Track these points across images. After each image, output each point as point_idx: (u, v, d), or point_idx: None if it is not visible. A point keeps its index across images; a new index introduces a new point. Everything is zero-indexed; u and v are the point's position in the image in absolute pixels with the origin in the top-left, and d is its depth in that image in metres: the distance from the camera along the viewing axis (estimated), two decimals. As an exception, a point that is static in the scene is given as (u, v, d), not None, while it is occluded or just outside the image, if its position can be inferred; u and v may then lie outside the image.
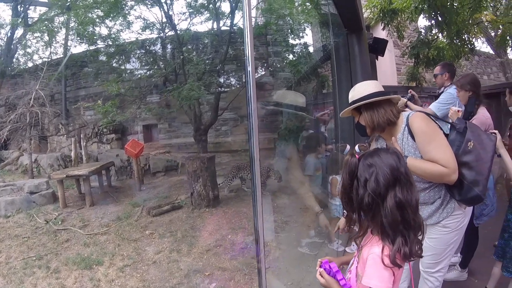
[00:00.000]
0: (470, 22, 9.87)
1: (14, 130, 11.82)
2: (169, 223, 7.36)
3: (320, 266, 1.83)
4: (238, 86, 11.44)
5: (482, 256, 4.18)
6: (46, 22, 11.23)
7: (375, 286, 1.55)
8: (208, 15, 9.95)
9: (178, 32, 9.81)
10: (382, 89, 2.62)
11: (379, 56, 8.09)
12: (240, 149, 12.14)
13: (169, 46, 10.91)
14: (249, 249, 5.94)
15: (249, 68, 1.99)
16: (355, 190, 1.63)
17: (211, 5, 9.76)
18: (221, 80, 10.43)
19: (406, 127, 2.54)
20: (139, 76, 11.10)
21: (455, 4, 9.07)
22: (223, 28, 10.31)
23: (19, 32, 13.13)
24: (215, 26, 10.38)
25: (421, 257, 1.66)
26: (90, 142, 12.76)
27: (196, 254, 6.04)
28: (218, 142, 12.52)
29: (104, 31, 11.52)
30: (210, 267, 5.61)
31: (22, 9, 12.32)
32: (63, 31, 12.00)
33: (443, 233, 2.68)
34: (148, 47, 10.43)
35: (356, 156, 1.70)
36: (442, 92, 4.82)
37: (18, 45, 13.14)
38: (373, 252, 1.60)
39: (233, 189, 9.29)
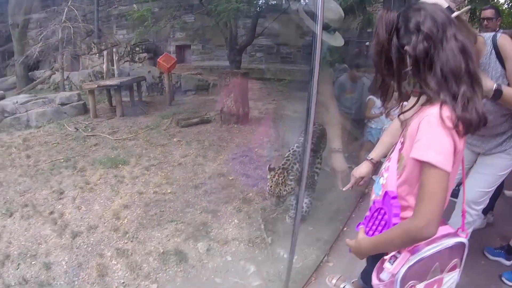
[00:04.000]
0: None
1: (46, 47, 12.52)
2: (196, 133, 7.76)
3: None
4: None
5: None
6: None
7: (432, 159, 1.29)
8: None
9: None
10: None
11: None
12: (273, 78, 12.16)
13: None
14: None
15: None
16: (395, 47, 1.42)
17: None
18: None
19: (493, 50, 2.35)
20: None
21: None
22: None
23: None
24: None
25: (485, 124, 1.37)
26: (122, 61, 13.19)
27: (222, 161, 6.40)
28: (252, 68, 12.51)
29: None
30: (235, 173, 5.98)
31: None
32: None
33: (503, 159, 2.73)
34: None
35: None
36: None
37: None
38: (429, 113, 1.35)
39: (262, 110, 9.51)
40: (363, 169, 2.39)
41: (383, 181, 1.74)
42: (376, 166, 2.48)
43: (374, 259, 1.78)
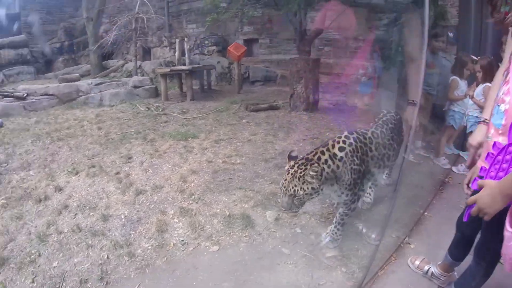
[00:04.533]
0: None
1: (120, 37, 13.17)
2: (265, 117, 7.59)
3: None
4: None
5: None
6: None
7: None
8: None
9: None
10: None
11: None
12: (341, 72, 11.81)
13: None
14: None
15: None
16: None
17: None
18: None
19: None
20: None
21: None
22: None
23: None
24: None
25: None
26: (192, 53, 13.53)
27: (292, 141, 6.15)
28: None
29: None
30: (305, 152, 5.70)
31: None
32: None
33: None
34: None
35: None
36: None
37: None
38: None
39: (332, 101, 9.23)
40: (479, 134, 2.16)
41: (505, 107, 1.56)
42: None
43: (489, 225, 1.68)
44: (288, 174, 2.95)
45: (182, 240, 3.52)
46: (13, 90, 9.46)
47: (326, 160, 3.01)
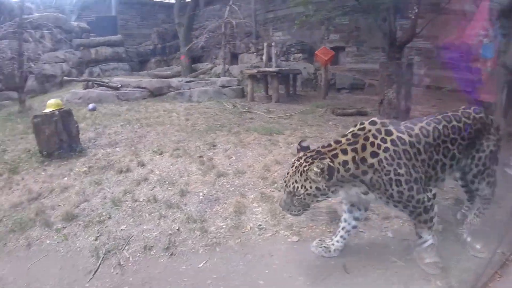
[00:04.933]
0: None
1: (209, 41, 13.71)
2: (352, 122, 7.22)
3: None
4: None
5: None
6: None
7: None
8: None
9: None
10: None
11: None
12: (433, 85, 11.05)
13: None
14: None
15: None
16: None
17: None
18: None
19: None
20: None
21: None
22: None
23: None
24: None
25: None
26: (278, 59, 13.58)
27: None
28: (409, 72, 11.70)
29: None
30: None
31: None
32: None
33: None
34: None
35: None
36: None
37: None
38: None
39: (424, 112, 8.62)
40: None
41: None
42: None
43: None
44: (292, 167, 2.54)
45: (260, 225, 3.35)
46: (108, 81, 10.08)
47: (345, 162, 2.48)
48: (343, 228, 2.95)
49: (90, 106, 8.40)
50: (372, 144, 2.51)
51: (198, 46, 13.70)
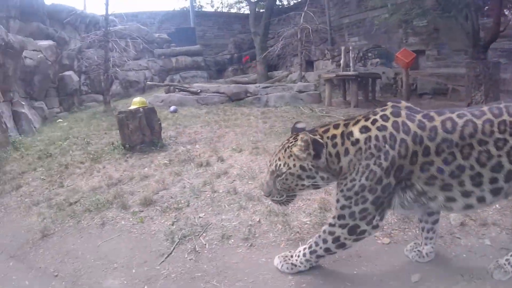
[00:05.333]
0: None
1: (285, 46, 13.65)
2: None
3: None
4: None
5: None
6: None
7: None
8: None
9: None
10: None
11: None
12: None
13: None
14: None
15: None
16: None
17: None
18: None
19: None
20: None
21: None
22: None
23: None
24: None
25: None
26: (355, 65, 13.26)
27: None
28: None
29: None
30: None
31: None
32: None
33: None
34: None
35: None
36: None
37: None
38: None
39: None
40: None
41: None
42: None
43: None
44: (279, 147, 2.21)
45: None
46: (188, 86, 10.45)
47: (333, 136, 2.09)
48: (423, 230, 2.51)
49: (172, 108, 8.84)
50: (367, 118, 2.09)
51: (274, 54, 13.77)
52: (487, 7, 8.71)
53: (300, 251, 2.35)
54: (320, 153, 2.05)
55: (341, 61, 10.91)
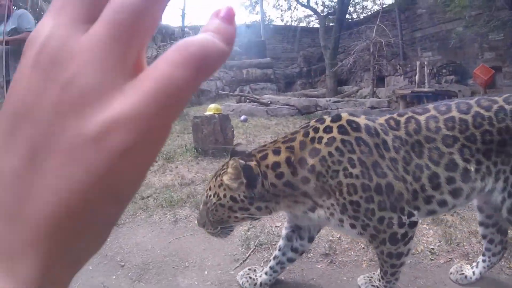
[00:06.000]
0: None
1: (356, 61, 13.33)
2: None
3: None
4: None
5: None
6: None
7: None
8: None
9: None
10: None
11: None
12: None
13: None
14: None
15: None
16: None
17: None
18: None
19: None
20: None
21: None
22: None
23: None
24: None
25: None
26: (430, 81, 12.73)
27: None
28: None
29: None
30: None
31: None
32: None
33: None
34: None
35: None
36: None
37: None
38: None
39: None
40: None
41: None
42: None
43: None
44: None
45: (432, 249, 2.87)
46: (259, 97, 10.52)
47: (275, 165, 1.73)
48: (274, 258, 2.23)
49: (242, 117, 8.97)
50: (313, 139, 1.75)
51: (345, 68, 13.54)
52: None
53: (378, 274, 2.09)
54: (255, 183, 1.71)
55: (416, 77, 10.49)
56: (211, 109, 6.03)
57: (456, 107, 1.78)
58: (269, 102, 10.22)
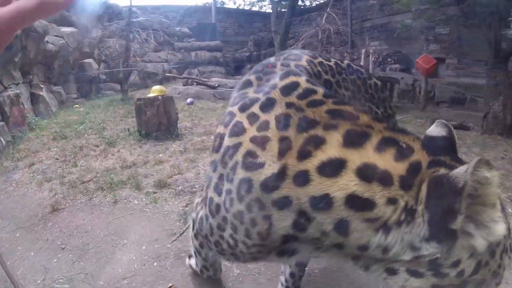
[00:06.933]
0: None
1: (306, 45, 13.50)
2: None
3: None
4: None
5: None
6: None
7: None
8: None
9: None
10: None
11: None
12: None
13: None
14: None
15: None
16: None
17: None
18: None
19: None
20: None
21: None
22: None
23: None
24: None
25: None
26: (374, 69, 13.16)
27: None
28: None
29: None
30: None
31: None
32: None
33: None
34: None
35: None
36: None
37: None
38: None
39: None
40: None
41: None
42: None
43: None
44: None
45: None
46: (207, 80, 10.45)
47: None
48: None
49: (188, 100, 8.95)
50: None
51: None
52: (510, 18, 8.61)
53: None
54: None
55: (361, 63, 10.83)
56: (154, 90, 5.92)
57: None
58: (217, 85, 10.22)
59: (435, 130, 1.10)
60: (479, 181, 0.76)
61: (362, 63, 10.73)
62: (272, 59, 1.55)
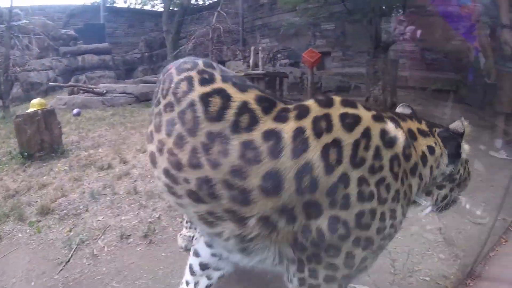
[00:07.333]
0: None
1: (197, 45, 13.78)
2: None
3: None
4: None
5: None
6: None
7: None
8: None
9: None
10: None
11: None
12: (416, 86, 11.29)
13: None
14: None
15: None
16: None
17: None
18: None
19: None
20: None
21: None
22: None
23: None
24: None
25: None
26: (265, 65, 13.76)
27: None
28: (393, 76, 12.06)
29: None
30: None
31: None
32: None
33: None
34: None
35: None
36: None
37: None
38: None
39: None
40: None
41: None
42: None
43: None
44: None
45: None
46: (94, 87, 10.09)
47: None
48: None
49: (75, 111, 8.50)
50: None
51: (185, 53, 13.71)
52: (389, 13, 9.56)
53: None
54: None
55: (250, 61, 11.28)
56: (34, 105, 5.38)
57: None
58: (105, 91, 9.93)
59: (404, 110, 1.90)
60: (465, 127, 1.70)
61: (251, 60, 11.19)
62: None
